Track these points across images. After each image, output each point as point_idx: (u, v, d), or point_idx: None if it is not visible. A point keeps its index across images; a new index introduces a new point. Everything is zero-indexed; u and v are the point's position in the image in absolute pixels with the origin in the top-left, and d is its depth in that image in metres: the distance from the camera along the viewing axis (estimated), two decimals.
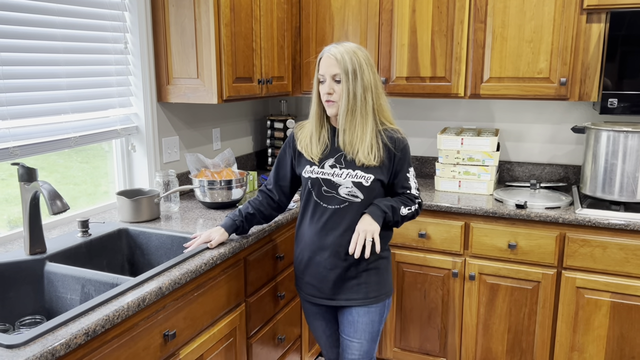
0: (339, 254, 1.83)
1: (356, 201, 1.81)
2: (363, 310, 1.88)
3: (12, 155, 1.89)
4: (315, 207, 1.86)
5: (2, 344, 1.22)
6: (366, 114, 1.77)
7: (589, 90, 2.50)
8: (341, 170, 1.82)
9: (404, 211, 1.84)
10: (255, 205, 1.99)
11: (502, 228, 2.46)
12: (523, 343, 2.52)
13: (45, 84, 2.01)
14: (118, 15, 2.32)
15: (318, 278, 1.88)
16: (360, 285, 1.86)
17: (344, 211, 1.82)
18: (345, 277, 1.85)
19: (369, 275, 1.86)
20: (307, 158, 1.87)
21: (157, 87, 2.49)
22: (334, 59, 1.74)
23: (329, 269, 1.85)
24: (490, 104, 3.03)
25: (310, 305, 2.00)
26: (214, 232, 1.90)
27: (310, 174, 1.86)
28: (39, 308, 1.77)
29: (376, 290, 1.87)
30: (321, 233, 1.85)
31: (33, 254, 1.78)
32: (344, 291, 1.86)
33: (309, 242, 1.88)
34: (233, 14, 2.39)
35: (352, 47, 1.76)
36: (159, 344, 1.59)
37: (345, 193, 1.81)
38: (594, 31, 2.44)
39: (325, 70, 1.77)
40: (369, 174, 1.80)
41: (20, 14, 1.89)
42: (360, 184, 1.80)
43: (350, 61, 1.73)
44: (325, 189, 1.83)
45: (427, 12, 2.68)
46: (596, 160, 2.46)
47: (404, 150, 1.85)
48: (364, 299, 1.86)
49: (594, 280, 2.33)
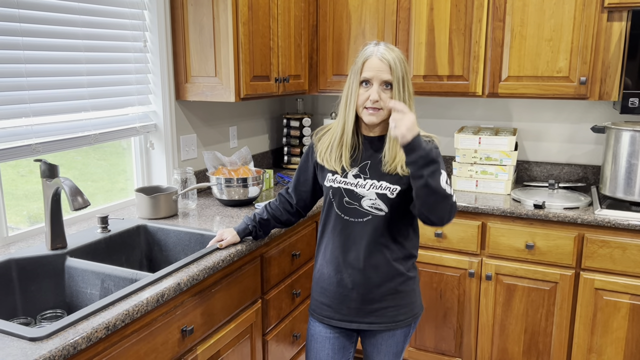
0: (362, 273, 1.68)
1: (380, 215, 1.65)
2: (388, 334, 1.74)
3: (34, 151, 1.92)
4: (337, 219, 1.71)
5: (25, 337, 1.24)
6: None
7: (609, 90, 2.46)
8: (365, 180, 1.67)
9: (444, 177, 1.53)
10: (271, 210, 1.92)
11: (520, 228, 2.44)
12: (540, 344, 2.50)
13: (66, 82, 2.04)
14: (138, 14, 2.35)
15: (338, 298, 1.72)
16: (387, 309, 1.70)
17: (366, 225, 1.66)
18: (369, 298, 1.69)
19: (396, 298, 1.70)
20: (328, 169, 1.73)
21: (175, 85, 2.51)
22: (387, 64, 1.59)
23: (350, 287, 1.70)
24: (508, 103, 3.01)
25: (321, 328, 1.79)
26: (227, 232, 1.88)
27: (332, 183, 1.71)
28: (60, 302, 1.80)
29: (404, 313, 1.72)
30: (343, 248, 1.70)
31: (54, 249, 1.81)
32: (367, 314, 1.71)
33: (329, 257, 1.73)
34: (251, 12, 2.40)
35: (400, 53, 1.63)
36: (177, 340, 1.61)
37: (369, 205, 1.66)
38: (615, 30, 2.40)
39: (374, 74, 1.60)
40: (395, 185, 1.64)
41: (44, 13, 1.92)
42: (384, 196, 1.64)
43: (402, 68, 1.61)
44: (347, 199, 1.69)
45: (445, 11, 2.67)
46: (616, 161, 2.43)
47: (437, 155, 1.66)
48: (389, 323, 1.71)
49: (613, 282, 2.31)
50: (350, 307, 1.71)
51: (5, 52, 1.81)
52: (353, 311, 1.71)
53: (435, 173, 1.50)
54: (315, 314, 1.79)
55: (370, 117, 1.62)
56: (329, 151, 1.72)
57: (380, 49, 1.61)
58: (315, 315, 1.79)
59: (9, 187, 1.98)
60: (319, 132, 1.81)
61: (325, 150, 1.73)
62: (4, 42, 1.80)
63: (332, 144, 1.72)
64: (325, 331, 1.78)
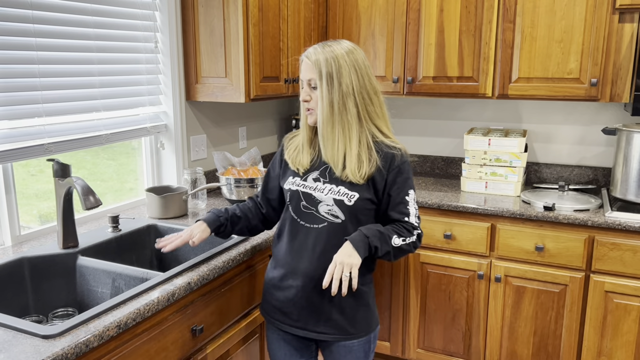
0: (314, 280, 1.59)
1: (336, 222, 1.57)
2: (345, 348, 1.64)
3: (46, 151, 1.94)
4: (292, 223, 1.64)
5: (38, 334, 1.26)
6: (348, 123, 1.55)
7: (620, 91, 2.45)
8: (324, 184, 1.59)
9: (397, 241, 1.56)
10: (244, 210, 1.79)
11: (529, 230, 2.43)
12: (549, 347, 2.49)
13: (78, 82, 2.05)
14: (149, 15, 2.37)
15: (289, 303, 1.63)
16: (337, 320, 1.61)
17: (322, 232, 1.58)
18: (321, 307, 1.60)
19: (347, 310, 1.61)
20: (292, 169, 1.67)
21: (186, 86, 2.53)
22: (308, 62, 1.56)
23: (300, 295, 1.61)
24: (518, 104, 3.00)
25: (276, 333, 1.72)
26: (195, 229, 1.71)
27: (290, 186, 1.65)
28: (71, 300, 1.81)
29: (356, 327, 1.63)
30: (296, 254, 1.62)
31: (66, 248, 1.82)
32: (318, 323, 1.61)
33: (282, 262, 1.65)
34: (261, 13, 2.41)
35: (335, 49, 1.55)
36: (187, 338, 1.62)
37: (325, 211, 1.58)
38: (627, 31, 2.39)
39: (302, 75, 1.60)
40: (354, 191, 1.56)
41: (57, 14, 1.94)
42: (342, 203, 1.56)
43: (326, 64, 1.53)
44: (305, 204, 1.61)
45: (455, 12, 2.67)
46: (627, 163, 2.41)
47: (402, 169, 1.59)
48: (340, 335, 1.62)
49: (623, 285, 2.29)
50: (300, 314, 1.63)
51: (19, 53, 1.83)
52: (303, 319, 1.63)
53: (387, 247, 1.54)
54: (267, 316, 1.72)
55: (309, 117, 1.62)
56: (296, 152, 1.69)
57: (309, 49, 1.59)
58: (267, 317, 1.73)
59: (20, 186, 2.00)
60: (294, 132, 1.78)
61: (294, 150, 1.70)
62: (18, 42, 1.82)
63: (299, 145, 1.69)
64: (279, 333, 1.72)
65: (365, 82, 1.57)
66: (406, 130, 3.30)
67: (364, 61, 1.57)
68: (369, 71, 1.59)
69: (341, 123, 1.55)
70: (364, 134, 1.58)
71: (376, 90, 1.60)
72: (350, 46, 1.58)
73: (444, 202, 2.55)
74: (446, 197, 2.63)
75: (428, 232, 2.63)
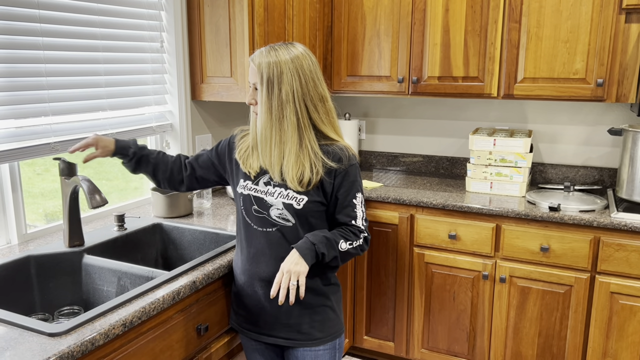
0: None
1: (287, 225, 1.57)
2: (310, 354, 1.62)
3: (53, 150, 1.95)
4: (247, 228, 1.63)
5: (44, 332, 1.26)
6: (286, 131, 1.52)
7: (626, 92, 2.44)
8: (274, 188, 1.57)
9: (343, 246, 1.55)
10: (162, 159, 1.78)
11: (535, 230, 2.42)
12: (554, 348, 2.48)
13: (85, 82, 2.06)
14: (155, 15, 2.37)
15: (254, 311, 1.64)
16: (300, 325, 1.60)
17: (274, 236, 1.58)
18: (282, 312, 1.60)
19: (310, 314, 1.60)
20: (244, 171, 1.64)
21: (191, 86, 2.53)
22: (255, 66, 1.54)
23: (262, 300, 1.61)
24: (523, 104, 2.99)
25: (249, 342, 1.72)
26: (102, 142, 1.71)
27: (242, 190, 1.63)
28: (77, 299, 1.82)
29: (320, 331, 1.62)
30: (253, 259, 1.61)
31: (72, 246, 1.83)
32: (283, 328, 1.61)
33: (242, 268, 1.65)
34: (266, 13, 2.41)
35: (281, 54, 1.52)
36: (192, 337, 1.62)
37: (276, 215, 1.57)
38: (633, 31, 2.38)
39: (248, 77, 1.60)
40: (302, 195, 1.54)
41: (63, 13, 1.95)
42: (291, 206, 1.55)
43: (268, 69, 1.50)
44: (257, 208, 1.60)
45: (461, 12, 2.66)
46: (633, 163, 2.41)
47: (350, 172, 1.57)
48: (305, 341, 1.61)
49: (629, 286, 2.28)
50: (266, 320, 1.62)
51: (26, 52, 1.84)
52: (268, 324, 1.62)
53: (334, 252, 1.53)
54: (235, 324, 1.73)
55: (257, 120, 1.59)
56: (247, 153, 1.65)
57: (256, 52, 1.57)
58: (235, 325, 1.73)
59: (26, 185, 2.01)
60: (244, 130, 1.72)
61: (245, 151, 1.65)
62: (25, 42, 1.83)
63: (249, 148, 1.65)
64: (250, 341, 1.71)
65: (309, 89, 1.53)
66: (411, 130, 3.30)
67: (310, 67, 1.53)
68: (315, 77, 1.55)
69: (279, 130, 1.53)
70: (304, 142, 1.54)
71: (322, 97, 1.56)
72: (298, 51, 1.54)
73: (448, 203, 2.55)
74: (451, 198, 2.63)
75: (433, 232, 2.63)
